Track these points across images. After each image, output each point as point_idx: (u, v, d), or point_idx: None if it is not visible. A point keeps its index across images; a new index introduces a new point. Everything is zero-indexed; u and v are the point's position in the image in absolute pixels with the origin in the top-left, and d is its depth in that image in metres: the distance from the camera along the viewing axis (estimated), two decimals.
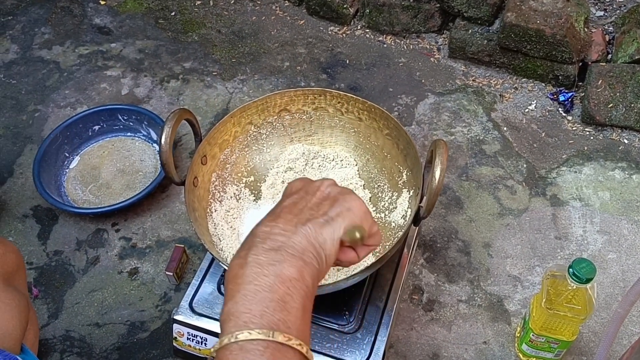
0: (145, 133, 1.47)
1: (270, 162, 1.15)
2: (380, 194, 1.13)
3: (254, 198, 1.12)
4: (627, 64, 1.42)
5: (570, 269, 0.91)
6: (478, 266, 1.23)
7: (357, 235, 0.58)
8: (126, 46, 1.70)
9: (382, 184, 1.15)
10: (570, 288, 0.92)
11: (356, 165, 1.16)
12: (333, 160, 1.17)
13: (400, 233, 1.03)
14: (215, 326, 1.02)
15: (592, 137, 1.45)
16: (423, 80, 1.58)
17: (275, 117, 1.15)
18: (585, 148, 1.43)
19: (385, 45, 1.68)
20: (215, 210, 1.06)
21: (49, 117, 1.53)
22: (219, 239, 1.04)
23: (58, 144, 1.39)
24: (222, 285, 1.07)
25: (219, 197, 1.08)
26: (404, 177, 1.12)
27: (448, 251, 1.26)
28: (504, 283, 1.21)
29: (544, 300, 0.96)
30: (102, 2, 1.82)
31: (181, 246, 1.22)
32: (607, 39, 1.51)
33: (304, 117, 1.16)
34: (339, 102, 1.16)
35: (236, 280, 0.53)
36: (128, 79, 1.61)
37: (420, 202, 0.97)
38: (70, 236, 1.31)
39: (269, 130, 1.15)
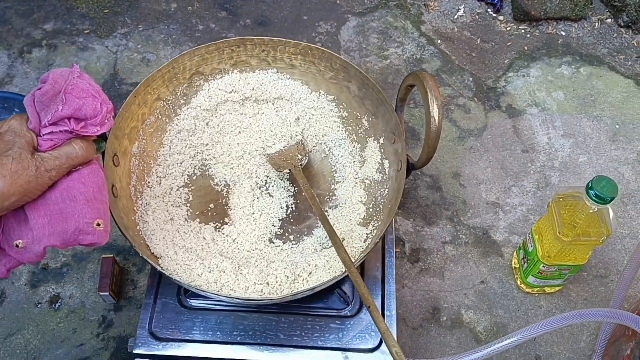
0: None
1: (192, 144, 0.93)
2: (339, 149, 0.95)
3: (186, 191, 0.90)
4: None
5: (591, 191, 0.80)
6: (453, 200, 1.11)
7: None
8: None
9: (337, 138, 0.97)
10: (591, 211, 0.82)
11: (298, 120, 0.96)
12: (270, 127, 0.96)
13: (386, 190, 0.87)
14: (189, 350, 0.82)
15: (528, 35, 1.34)
16: (338, 1, 1.38)
17: (187, 85, 0.92)
18: (526, 48, 1.32)
19: None
20: (147, 220, 0.83)
21: None
22: (158, 249, 0.82)
23: None
24: (181, 297, 0.86)
25: (145, 202, 0.85)
26: (365, 124, 0.94)
27: (418, 191, 1.12)
28: (484, 212, 1.10)
29: (558, 229, 0.85)
30: None
31: (110, 256, 0.98)
32: None
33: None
34: (263, 51, 0.94)
35: None
36: None
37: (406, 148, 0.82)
38: None
39: (182, 103, 0.92)
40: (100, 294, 0.96)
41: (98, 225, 0.57)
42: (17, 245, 0.55)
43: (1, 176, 0.52)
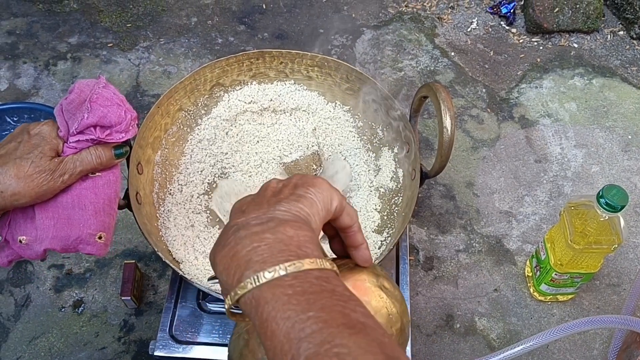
0: None
1: (212, 153, 0.96)
2: (354, 158, 0.98)
3: (206, 199, 0.93)
4: None
5: (601, 199, 0.81)
6: (466, 209, 1.13)
7: None
8: None
9: (353, 147, 1.00)
10: (602, 219, 0.83)
11: (315, 130, 0.99)
12: (287, 137, 0.99)
13: (400, 199, 0.89)
14: (208, 352, 0.84)
15: (541, 47, 1.36)
16: (353, 15, 1.42)
17: (207, 96, 0.95)
18: (538, 60, 1.34)
19: None
20: (169, 226, 0.87)
21: None
22: (179, 254, 0.85)
23: None
24: (200, 301, 0.89)
25: (167, 209, 0.88)
26: (380, 133, 0.97)
27: (432, 200, 1.14)
28: (497, 221, 1.12)
29: (570, 237, 0.87)
30: None
31: (132, 262, 1.01)
32: None
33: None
34: (281, 63, 0.97)
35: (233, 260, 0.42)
36: (4, 70, 1.31)
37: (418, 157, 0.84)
38: None
39: (203, 113, 0.95)
40: (123, 298, 0.99)
41: (100, 238, 0.60)
42: (20, 241, 0.58)
43: (16, 178, 0.55)
